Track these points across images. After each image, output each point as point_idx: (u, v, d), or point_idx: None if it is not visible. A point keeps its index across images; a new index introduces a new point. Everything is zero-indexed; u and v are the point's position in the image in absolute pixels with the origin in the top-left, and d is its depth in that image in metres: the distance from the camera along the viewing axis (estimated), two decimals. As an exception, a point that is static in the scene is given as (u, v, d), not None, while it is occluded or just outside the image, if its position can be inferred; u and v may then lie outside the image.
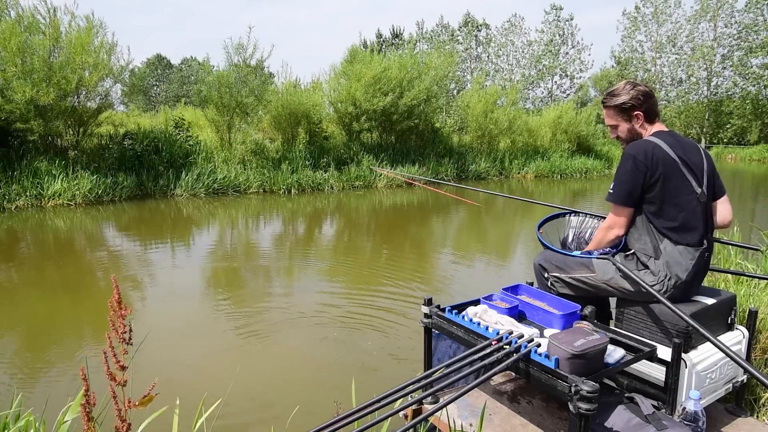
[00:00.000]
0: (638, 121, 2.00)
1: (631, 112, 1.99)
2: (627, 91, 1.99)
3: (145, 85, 49.94)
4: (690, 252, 1.85)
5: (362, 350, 3.59)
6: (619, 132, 2.06)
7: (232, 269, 5.87)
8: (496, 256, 6.63)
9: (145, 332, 3.59)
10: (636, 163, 1.86)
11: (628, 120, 2.01)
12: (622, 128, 2.04)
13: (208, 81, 12.79)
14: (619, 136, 2.07)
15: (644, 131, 2.01)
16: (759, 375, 1.29)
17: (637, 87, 1.99)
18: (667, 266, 1.85)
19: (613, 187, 1.93)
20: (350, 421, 1.25)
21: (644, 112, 1.99)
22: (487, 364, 1.52)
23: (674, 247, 1.85)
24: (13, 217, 8.53)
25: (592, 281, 2.00)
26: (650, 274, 1.88)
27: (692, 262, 1.84)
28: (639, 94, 1.97)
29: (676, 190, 1.86)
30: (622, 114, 2.01)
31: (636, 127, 2.01)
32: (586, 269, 2.01)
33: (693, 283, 1.89)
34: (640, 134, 2.02)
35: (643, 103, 1.98)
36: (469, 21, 41.09)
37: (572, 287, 2.07)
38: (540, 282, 2.19)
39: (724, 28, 36.19)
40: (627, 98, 1.98)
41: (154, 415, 1.59)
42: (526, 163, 18.07)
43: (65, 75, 9.76)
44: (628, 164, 1.88)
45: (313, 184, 12.69)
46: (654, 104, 2.01)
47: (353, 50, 15.20)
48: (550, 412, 1.91)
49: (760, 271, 3.41)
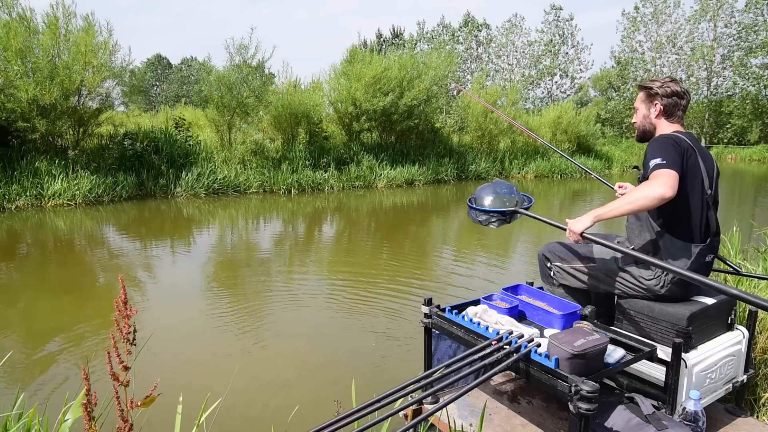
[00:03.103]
0: (655, 111, 2.00)
1: (654, 99, 1.99)
2: (663, 81, 1.99)
3: (145, 85, 49.94)
4: (689, 248, 1.85)
5: (362, 350, 3.59)
6: (637, 117, 2.07)
7: (232, 269, 5.87)
8: (496, 256, 6.63)
9: (145, 331, 3.60)
10: (673, 143, 1.82)
11: (647, 106, 2.02)
12: (640, 113, 2.05)
13: (209, 81, 12.79)
14: (636, 122, 2.08)
15: (657, 123, 2.00)
16: (745, 295, 1.29)
17: (673, 83, 1.98)
18: (665, 263, 1.85)
19: (663, 158, 1.76)
20: (350, 421, 1.26)
21: (664, 105, 1.98)
22: (487, 364, 1.53)
23: (674, 241, 1.85)
24: (13, 217, 8.53)
25: (592, 273, 2.01)
26: (648, 270, 1.88)
27: (691, 259, 1.84)
28: (670, 88, 1.97)
29: (692, 186, 1.84)
30: (647, 98, 2.02)
31: (651, 115, 2.01)
32: (587, 260, 2.03)
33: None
34: (652, 125, 2.02)
35: (668, 96, 1.97)
36: (469, 21, 41.08)
37: (573, 278, 2.07)
38: (543, 272, 2.21)
39: (724, 28, 36.18)
40: (657, 86, 1.99)
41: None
42: (526, 163, 18.09)
43: (69, 75, 9.77)
44: (668, 143, 1.82)
45: (313, 184, 12.69)
46: (678, 106, 1.99)
47: (353, 50, 15.19)
48: (550, 412, 1.91)
49: (760, 271, 3.42)
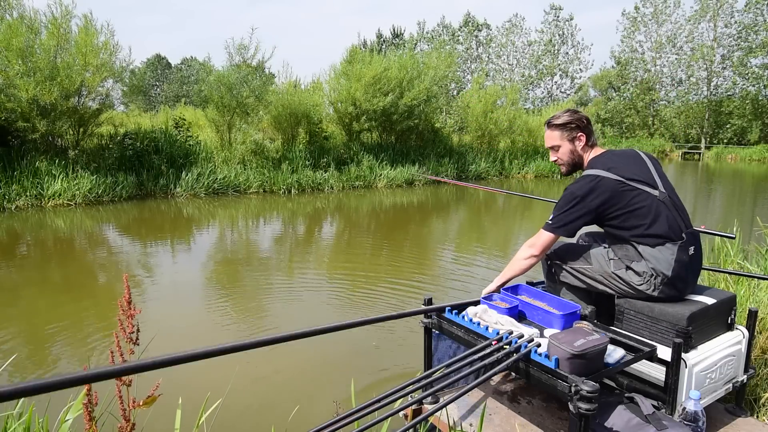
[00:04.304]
0: (580, 143, 2.08)
1: (575, 133, 2.07)
2: (570, 114, 2.09)
3: (145, 85, 49.96)
4: (668, 248, 1.85)
5: (362, 350, 3.59)
6: (560, 154, 2.12)
7: (232, 269, 5.87)
8: (497, 256, 6.63)
9: (145, 331, 3.59)
10: (576, 199, 1.92)
11: (571, 141, 2.09)
12: (564, 150, 2.10)
13: (209, 81, 12.79)
14: (559, 159, 2.13)
15: (585, 154, 2.09)
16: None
17: (579, 112, 2.11)
18: (650, 266, 1.86)
19: (553, 218, 1.97)
20: (350, 421, 1.26)
21: (586, 134, 2.08)
22: (487, 364, 1.53)
23: (651, 249, 1.87)
24: (13, 217, 8.53)
25: (589, 273, 2.02)
26: (636, 276, 1.89)
27: (673, 257, 1.84)
28: (582, 117, 2.09)
29: (633, 203, 1.90)
30: (566, 134, 2.09)
31: (578, 148, 2.09)
32: (584, 261, 2.04)
33: (682, 279, 1.87)
34: (581, 156, 2.10)
35: (585, 126, 2.08)
36: (469, 21, 41.10)
37: (573, 277, 2.08)
38: (544, 269, 2.23)
39: (724, 28, 36.22)
40: (571, 119, 2.07)
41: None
42: (526, 163, 18.10)
43: (69, 75, 9.77)
44: (569, 200, 1.94)
45: (313, 184, 12.69)
46: (593, 131, 2.13)
47: (353, 50, 15.20)
48: (550, 412, 1.91)
49: (760, 271, 3.42)
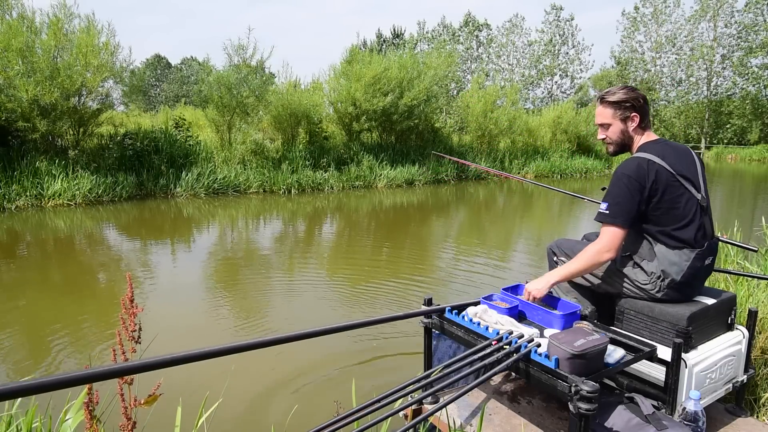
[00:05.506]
0: (632, 124, 1.94)
1: (629, 112, 1.93)
2: (626, 92, 1.93)
3: (145, 85, 49.95)
4: (685, 254, 1.83)
5: (362, 350, 3.59)
6: (609, 133, 1.98)
7: (232, 269, 5.87)
8: (497, 256, 6.63)
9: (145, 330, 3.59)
10: (631, 182, 1.81)
11: (623, 120, 1.95)
12: (614, 129, 1.96)
13: (209, 81, 12.79)
14: (608, 138, 1.99)
15: (636, 136, 1.96)
16: None
17: (637, 90, 1.96)
18: (661, 268, 1.84)
19: (609, 207, 1.84)
20: (350, 421, 1.26)
21: (641, 115, 1.94)
22: (487, 364, 1.53)
23: (669, 250, 1.84)
24: (13, 217, 8.53)
25: (593, 272, 2.01)
26: (643, 274, 1.88)
27: (687, 263, 1.83)
28: (639, 96, 1.93)
29: (676, 201, 1.83)
30: (619, 113, 1.94)
31: (629, 129, 1.95)
32: None
33: (689, 284, 1.86)
34: (631, 138, 1.97)
35: (641, 107, 1.94)
36: (469, 21, 41.08)
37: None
38: (551, 266, 2.24)
39: (724, 28, 36.20)
40: (626, 97, 1.92)
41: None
42: (526, 163, 18.09)
43: (69, 75, 9.77)
44: (623, 183, 1.82)
45: (313, 184, 12.69)
46: (648, 111, 1.98)
47: (353, 50, 15.19)
48: (550, 412, 1.91)
49: (760, 271, 3.42)
